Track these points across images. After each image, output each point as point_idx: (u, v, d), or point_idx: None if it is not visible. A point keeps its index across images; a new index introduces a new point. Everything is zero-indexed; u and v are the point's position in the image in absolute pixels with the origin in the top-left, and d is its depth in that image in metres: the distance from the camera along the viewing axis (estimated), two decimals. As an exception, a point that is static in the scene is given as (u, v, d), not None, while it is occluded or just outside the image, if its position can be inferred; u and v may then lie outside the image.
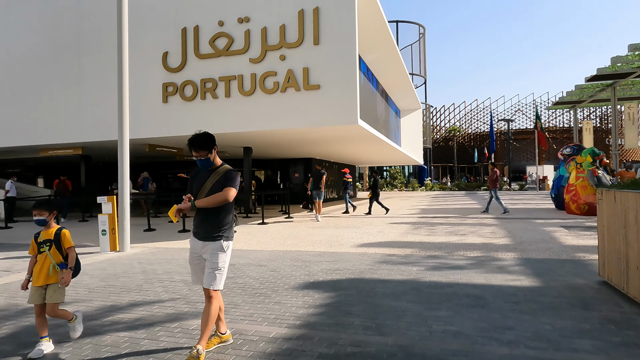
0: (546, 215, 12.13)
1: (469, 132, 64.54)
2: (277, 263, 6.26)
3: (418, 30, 45.67)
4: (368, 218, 12.45)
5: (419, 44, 45.51)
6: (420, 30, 45.79)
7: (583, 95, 38.09)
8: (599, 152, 11.72)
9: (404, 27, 45.20)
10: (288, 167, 22.09)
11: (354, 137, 13.07)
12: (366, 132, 11.80)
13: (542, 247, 7.03)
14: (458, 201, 20.47)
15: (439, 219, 11.73)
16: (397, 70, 19.47)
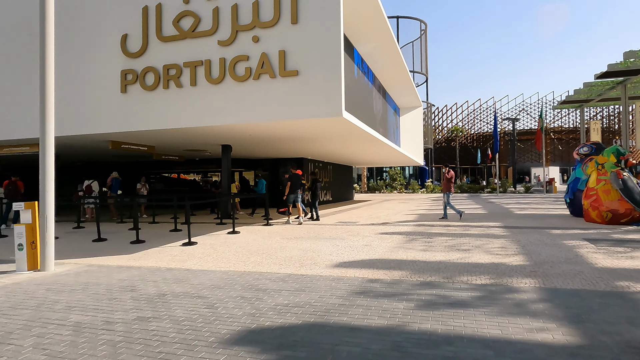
0: (562, 223, 10.57)
1: (472, 133, 62.93)
2: (223, 293, 4.75)
3: (419, 27, 44.13)
4: (355, 227, 10.92)
5: (421, 40, 43.97)
6: (422, 27, 44.24)
7: (591, 93, 36.44)
8: (624, 151, 10.16)
9: (404, 23, 43.69)
10: (278, 167, 20.57)
11: (342, 133, 11.54)
12: (354, 127, 10.28)
13: (568, 270, 5.49)
14: (460, 205, 18.91)
15: (439, 227, 10.20)
16: (395, 64, 17.95)
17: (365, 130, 11.48)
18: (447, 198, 12.21)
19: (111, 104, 9.96)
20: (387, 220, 12.37)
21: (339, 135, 12.06)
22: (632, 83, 32.06)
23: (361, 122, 11.23)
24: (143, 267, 6.22)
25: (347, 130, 10.76)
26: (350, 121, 9.30)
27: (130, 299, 4.56)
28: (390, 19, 41.95)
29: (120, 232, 10.54)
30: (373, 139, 14.55)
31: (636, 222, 9.74)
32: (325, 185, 23.05)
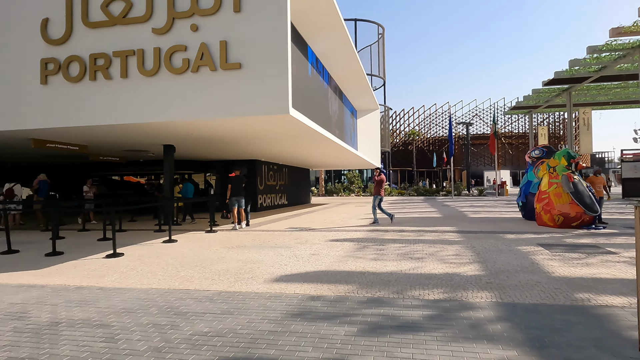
0: (515, 227, 10.43)
1: (428, 137, 64.28)
2: (132, 319, 3.94)
3: (377, 30, 44.38)
4: (306, 233, 10.28)
5: (378, 44, 44.24)
6: (379, 31, 44.53)
7: (539, 100, 37.89)
8: (574, 154, 10.15)
9: (362, 27, 43.78)
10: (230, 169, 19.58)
11: (292, 133, 10.88)
12: (304, 127, 9.66)
13: (525, 280, 5.09)
14: (416, 208, 18.76)
15: (392, 232, 9.75)
16: (351, 64, 17.55)
17: (316, 131, 10.88)
18: (376, 202, 11.88)
19: (29, 97, 8.79)
20: (341, 225, 11.82)
21: (289, 135, 11.40)
22: (576, 90, 33.59)
23: (312, 121, 10.63)
24: (48, 286, 5.26)
25: (296, 129, 10.11)
26: (298, 120, 8.66)
27: (11, 332, 3.67)
28: (348, 22, 41.92)
29: (41, 241, 9.33)
30: (327, 141, 14.02)
31: (586, 226, 9.73)
32: (281, 189, 22.31)
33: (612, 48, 23.26)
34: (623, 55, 24.28)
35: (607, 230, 9.41)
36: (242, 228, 11.54)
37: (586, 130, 35.07)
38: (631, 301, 4.20)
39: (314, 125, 10.61)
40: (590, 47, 24.07)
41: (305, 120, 9.42)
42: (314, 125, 10.60)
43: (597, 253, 6.72)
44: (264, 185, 19.72)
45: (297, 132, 10.82)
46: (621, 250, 6.96)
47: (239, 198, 11.77)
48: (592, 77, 28.47)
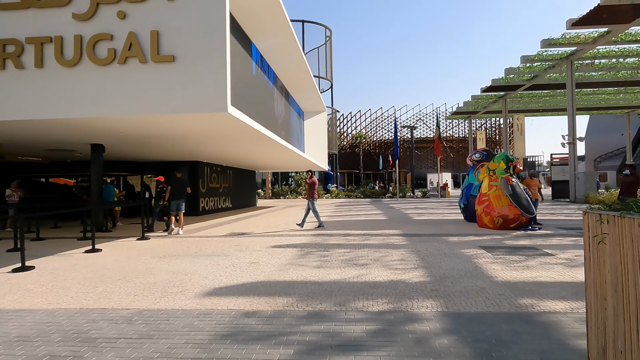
0: (458, 229, 10.55)
1: (375, 140, 65.47)
2: (26, 350, 3.29)
3: (325, 33, 44.48)
4: (247, 239, 9.77)
5: (326, 46, 44.34)
6: (327, 33, 44.65)
7: (478, 106, 39.72)
8: (512, 157, 10.45)
9: (310, 29, 43.68)
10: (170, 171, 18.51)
11: (233, 133, 10.32)
12: (245, 127, 9.16)
13: (470, 286, 4.96)
14: (362, 211, 18.75)
15: (338, 237, 9.48)
16: (298, 64, 17.20)
17: (260, 131, 10.41)
18: (311, 205, 11.70)
19: None
20: (285, 229, 11.40)
21: (231, 136, 10.82)
22: (511, 97, 35.54)
23: (255, 121, 10.14)
24: None
25: (238, 129, 9.58)
26: (238, 119, 8.15)
27: None
28: (296, 23, 41.63)
29: (-63, 253, 8.08)
30: (272, 142, 13.57)
31: (524, 227, 10.02)
32: (225, 191, 21.48)
33: (543, 58, 24.74)
34: (552, 66, 25.92)
35: (543, 232, 9.73)
36: (179, 234, 10.83)
37: (519, 135, 37.24)
38: (572, 306, 4.15)
39: (256, 126, 10.13)
40: (524, 57, 25.47)
41: (247, 120, 8.92)
42: (256, 125, 10.12)
43: (535, 255, 6.82)
44: (206, 188, 18.85)
45: (239, 132, 10.28)
46: (557, 251, 7.12)
47: (179, 202, 11.10)
48: (525, 85, 30.20)
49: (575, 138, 24.90)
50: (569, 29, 19.82)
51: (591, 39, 21.35)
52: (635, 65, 26.13)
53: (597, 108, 40.80)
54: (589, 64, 26.09)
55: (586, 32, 20.83)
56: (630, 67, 26.29)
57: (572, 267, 5.84)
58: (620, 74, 27.95)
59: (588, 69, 26.70)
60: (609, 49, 23.47)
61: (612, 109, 41.95)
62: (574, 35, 21.29)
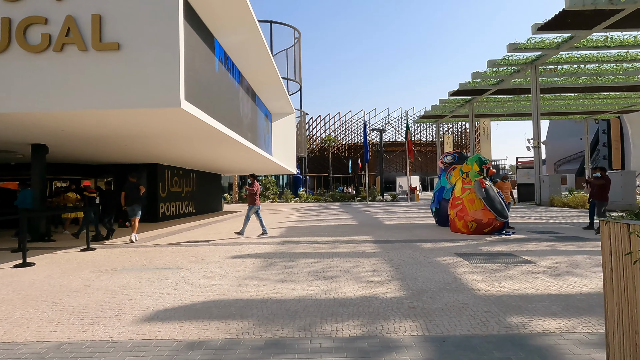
0: (431, 235, 10.11)
1: (344, 143, 65.36)
2: None
3: (293, 35, 43.89)
4: (206, 248, 8.97)
5: (294, 48, 43.76)
6: (296, 35, 44.10)
7: (445, 110, 40.09)
8: (485, 159, 10.13)
9: (278, 30, 42.99)
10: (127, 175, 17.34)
11: (189, 132, 9.50)
12: (202, 125, 8.38)
13: (452, 302, 4.42)
14: (332, 215, 18.18)
15: (305, 244, 8.82)
16: (264, 64, 16.49)
17: (221, 131, 9.65)
18: (252, 212, 10.75)
19: None
20: (249, 236, 10.65)
21: (189, 136, 10.00)
22: (477, 102, 36.04)
23: (216, 120, 9.38)
24: None
25: (195, 128, 8.78)
26: (195, 116, 7.38)
27: None
28: (263, 24, 40.85)
29: None
30: (237, 144, 12.81)
31: (497, 232, 9.69)
32: (187, 196, 20.42)
33: (509, 63, 25.06)
34: (517, 70, 26.32)
35: (517, 236, 9.43)
36: (133, 242, 9.94)
37: (486, 139, 37.83)
38: (567, 324, 3.67)
39: (218, 125, 9.36)
40: (490, 61, 25.74)
41: (205, 118, 8.16)
42: (218, 125, 9.35)
43: (515, 263, 6.40)
44: (166, 192, 17.78)
45: (199, 132, 9.48)
46: (536, 258, 6.74)
47: (135, 207, 10.27)
48: (491, 90, 30.62)
49: (540, 142, 25.32)
50: (534, 34, 20.03)
51: (555, 45, 21.73)
52: (594, 71, 26.92)
53: (558, 113, 42.11)
54: (551, 69, 26.68)
55: (551, 37, 21.16)
56: (590, 73, 27.06)
57: (556, 277, 5.43)
58: (580, 79, 28.78)
59: (551, 75, 27.31)
60: (572, 54, 24.04)
61: (571, 114, 43.41)
62: (539, 40, 21.60)
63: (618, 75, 27.71)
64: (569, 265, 6.15)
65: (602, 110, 40.88)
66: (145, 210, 16.86)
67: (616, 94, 33.99)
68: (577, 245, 8.05)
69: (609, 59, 24.48)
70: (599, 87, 30.48)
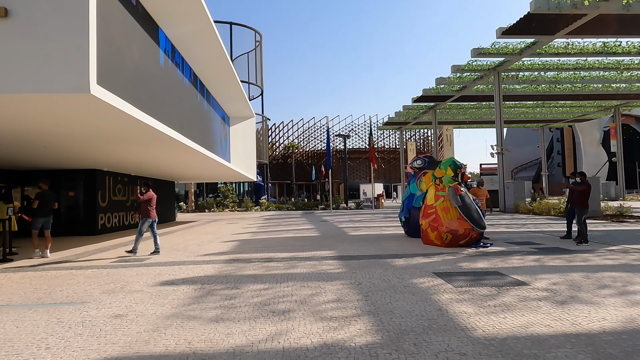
0: (401, 248, 9.01)
1: (307, 150, 64.28)
2: None
3: (254, 37, 42.49)
4: (133, 270, 7.42)
5: (256, 52, 42.35)
6: (257, 38, 42.72)
7: (409, 116, 39.82)
8: (460, 163, 9.17)
9: (239, 33, 41.45)
10: (61, 182, 15.33)
11: (122, 132, 7.97)
12: (128, 118, 6.90)
13: (443, 354, 3.23)
14: (293, 225, 16.86)
15: (256, 264, 7.46)
16: (218, 60, 15.09)
17: (160, 130, 8.18)
18: (143, 225, 9.17)
19: None
20: (194, 252, 9.16)
21: (122, 136, 8.45)
22: (440, 108, 35.90)
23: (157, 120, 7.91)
24: None
25: (123, 125, 7.28)
26: (114, 106, 5.92)
27: None
28: (222, 25, 39.23)
29: None
30: (183, 147, 11.33)
31: (474, 243, 8.73)
32: (134, 205, 18.48)
33: (473, 68, 24.80)
34: (481, 77, 26.14)
35: (495, 248, 8.50)
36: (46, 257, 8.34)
37: (449, 145, 37.79)
38: (612, 390, 2.56)
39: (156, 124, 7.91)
40: (454, 66, 25.40)
41: (133, 111, 6.70)
42: (154, 122, 7.89)
43: (506, 285, 5.34)
44: (107, 201, 15.87)
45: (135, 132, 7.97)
46: (528, 278, 5.73)
47: (48, 219, 8.67)
48: (454, 97, 30.44)
49: (504, 148, 25.16)
50: (498, 38, 19.71)
51: (518, 50, 21.58)
52: (553, 79, 27.23)
53: (517, 121, 42.89)
54: (513, 76, 26.75)
55: (515, 42, 20.98)
56: (550, 80, 27.35)
57: (562, 305, 4.39)
58: (540, 87, 29.09)
59: (512, 82, 27.41)
60: (533, 61, 24.09)
61: (529, 123, 44.39)
62: (502, 46, 21.37)
63: (575, 83, 28.21)
64: (570, 287, 5.15)
65: (558, 119, 42.01)
66: (82, 222, 14.93)
67: (572, 102, 34.84)
68: (565, 259, 7.16)
69: (568, 67, 24.75)
70: (556, 96, 30.99)
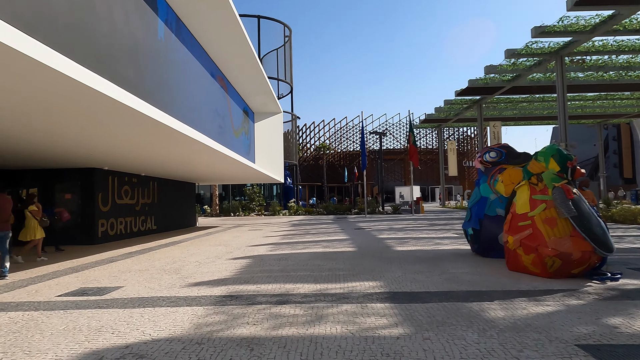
0: (480, 277, 6.14)
1: (339, 151, 61.60)
2: None
3: (283, 32, 40.24)
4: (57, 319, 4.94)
5: (285, 47, 40.06)
6: (286, 32, 40.45)
7: (450, 112, 36.39)
8: (567, 153, 6.21)
9: (267, 27, 39.31)
10: (55, 183, 13.34)
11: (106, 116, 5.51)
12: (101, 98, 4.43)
13: None
14: (322, 235, 14.18)
15: (260, 309, 4.81)
16: (235, 40, 12.71)
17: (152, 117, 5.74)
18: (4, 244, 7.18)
19: None
20: (184, 278, 6.65)
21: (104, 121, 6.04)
22: (486, 103, 32.38)
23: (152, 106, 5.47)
24: None
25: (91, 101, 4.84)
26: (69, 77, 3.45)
27: None
28: (250, 19, 37.23)
29: None
30: (188, 141, 8.95)
31: (596, 275, 5.74)
32: (145, 209, 16.38)
33: (531, 52, 21.34)
34: (539, 63, 22.72)
35: (630, 281, 5.52)
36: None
37: (496, 144, 34.03)
38: None
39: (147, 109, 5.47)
40: (509, 51, 22.02)
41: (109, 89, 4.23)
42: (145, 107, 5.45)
43: None
44: (110, 205, 13.74)
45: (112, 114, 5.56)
46: None
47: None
48: (504, 88, 26.96)
49: (569, 144, 21.56)
50: (569, 10, 16.37)
51: (590, 27, 18.07)
52: (625, 64, 23.36)
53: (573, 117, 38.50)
54: (578, 61, 23.11)
55: (588, 15, 17.53)
56: (620, 66, 23.52)
57: None
58: (607, 75, 25.17)
59: (575, 68, 23.73)
60: (606, 41, 20.40)
61: (587, 118, 39.91)
62: (572, 22, 17.95)
63: (652, 68, 24.17)
64: None
65: (620, 113, 37.40)
66: (78, 229, 12.84)
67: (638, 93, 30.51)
68: None
69: (647, 48, 20.92)
70: (624, 85, 26.84)
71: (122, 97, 5.58)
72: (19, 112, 5.65)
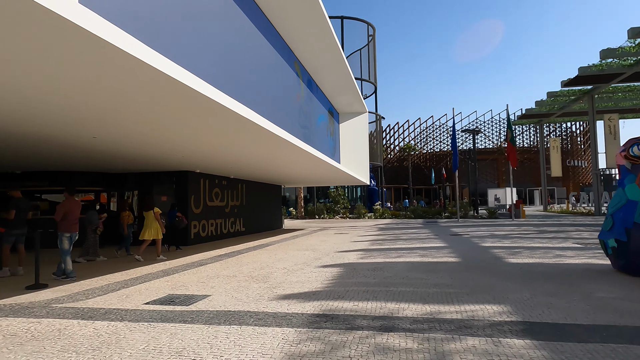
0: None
1: (425, 152, 59.09)
2: None
3: (367, 31, 39.40)
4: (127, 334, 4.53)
5: (368, 46, 39.20)
6: (370, 31, 39.55)
7: (554, 106, 32.69)
8: None
9: (350, 27, 38.78)
10: (152, 185, 13.91)
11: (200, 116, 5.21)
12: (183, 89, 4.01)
13: None
14: (415, 242, 13.04)
15: (362, 336, 4.01)
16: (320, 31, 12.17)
17: (260, 124, 5.31)
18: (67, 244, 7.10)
19: None
20: (272, 287, 6.11)
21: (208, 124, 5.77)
22: (599, 93, 28.46)
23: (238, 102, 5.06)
24: None
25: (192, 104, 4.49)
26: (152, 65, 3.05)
27: None
28: (334, 20, 36.97)
29: None
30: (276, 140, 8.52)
31: None
32: (234, 212, 16.59)
33: (664, 29, 18.14)
34: (673, 41, 19.20)
35: None
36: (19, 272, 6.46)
37: (612, 139, 29.61)
38: None
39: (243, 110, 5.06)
40: (634, 29, 18.93)
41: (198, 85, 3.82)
42: (243, 109, 5.04)
43: None
44: (202, 207, 14.01)
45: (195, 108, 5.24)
46: None
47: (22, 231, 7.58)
48: (625, 74, 23.33)
49: None
50: None
51: None
52: None
53: None
54: None
55: None
56: None
57: None
58: None
59: None
60: None
61: None
62: None
63: None
64: None
65: None
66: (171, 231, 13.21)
67: None
68: None
69: None
70: None
71: (228, 102, 5.18)
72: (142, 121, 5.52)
